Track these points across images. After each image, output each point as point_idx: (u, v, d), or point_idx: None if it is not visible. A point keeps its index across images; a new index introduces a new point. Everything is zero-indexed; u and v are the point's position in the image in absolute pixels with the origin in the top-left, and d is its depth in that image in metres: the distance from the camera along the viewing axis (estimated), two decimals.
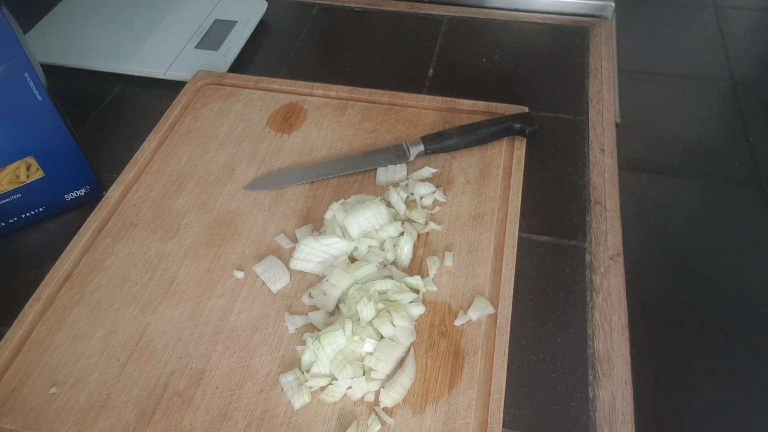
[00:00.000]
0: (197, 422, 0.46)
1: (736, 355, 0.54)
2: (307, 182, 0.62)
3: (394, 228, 0.55)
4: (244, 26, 0.83)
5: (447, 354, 0.49)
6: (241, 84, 0.73)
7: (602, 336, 0.52)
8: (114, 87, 0.78)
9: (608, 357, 0.50)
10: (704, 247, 0.60)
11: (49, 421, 0.46)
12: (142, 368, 0.49)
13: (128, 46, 0.81)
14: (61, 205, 0.63)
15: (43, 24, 0.86)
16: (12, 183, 0.59)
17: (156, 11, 0.87)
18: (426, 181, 0.61)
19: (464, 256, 0.55)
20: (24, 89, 0.54)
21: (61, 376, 0.49)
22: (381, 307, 0.49)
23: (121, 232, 0.59)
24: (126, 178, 0.63)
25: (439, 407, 0.46)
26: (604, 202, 0.61)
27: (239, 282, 0.54)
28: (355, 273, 0.52)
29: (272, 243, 0.57)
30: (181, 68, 0.77)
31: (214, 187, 0.62)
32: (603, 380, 0.49)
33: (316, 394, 0.47)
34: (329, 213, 0.58)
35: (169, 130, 0.68)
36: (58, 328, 0.52)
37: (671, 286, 0.58)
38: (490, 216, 0.58)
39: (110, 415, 0.47)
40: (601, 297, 0.54)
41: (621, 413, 0.47)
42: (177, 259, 0.56)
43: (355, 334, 0.48)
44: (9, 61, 0.52)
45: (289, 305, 0.53)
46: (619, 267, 0.56)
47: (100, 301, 0.53)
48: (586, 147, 0.67)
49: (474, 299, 0.52)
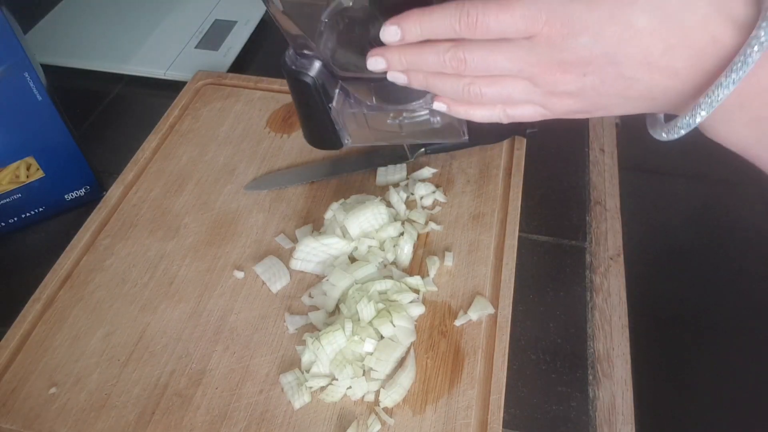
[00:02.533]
0: (197, 422, 0.46)
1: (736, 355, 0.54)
2: (307, 182, 0.62)
3: (394, 228, 0.55)
4: (244, 26, 0.83)
5: (447, 354, 0.49)
6: (241, 84, 0.73)
7: (602, 336, 0.52)
8: (114, 87, 0.78)
9: (608, 357, 0.50)
10: (704, 247, 0.60)
11: (49, 421, 0.46)
12: (142, 368, 0.49)
13: (128, 46, 0.81)
14: (61, 205, 0.63)
15: (43, 24, 0.86)
16: (12, 183, 0.59)
17: (156, 11, 0.87)
18: (426, 181, 0.61)
19: (464, 256, 0.55)
20: (24, 89, 0.54)
21: (61, 376, 0.49)
22: (381, 307, 0.49)
23: (121, 232, 0.59)
24: (126, 178, 0.63)
25: (439, 407, 0.46)
26: (604, 202, 0.61)
27: (239, 282, 0.54)
28: (355, 273, 0.52)
29: (272, 243, 0.57)
30: (181, 68, 0.77)
31: (214, 187, 0.62)
32: (603, 380, 0.49)
33: (316, 394, 0.47)
34: (329, 213, 0.58)
35: (169, 130, 0.68)
36: (58, 328, 0.52)
37: (671, 286, 0.58)
38: (490, 216, 0.58)
39: (110, 415, 0.47)
40: (601, 297, 0.54)
41: (621, 413, 0.47)
42: (177, 259, 0.56)
43: (355, 334, 0.48)
44: (9, 61, 0.52)
45: (289, 305, 0.52)
46: (619, 267, 0.56)
47: (100, 301, 0.53)
48: (586, 147, 0.67)
49: (474, 299, 0.52)
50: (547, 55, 0.33)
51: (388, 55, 0.38)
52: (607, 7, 0.31)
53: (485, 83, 0.36)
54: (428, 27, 0.35)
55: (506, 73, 0.35)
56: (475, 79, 0.36)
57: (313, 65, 0.45)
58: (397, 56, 0.37)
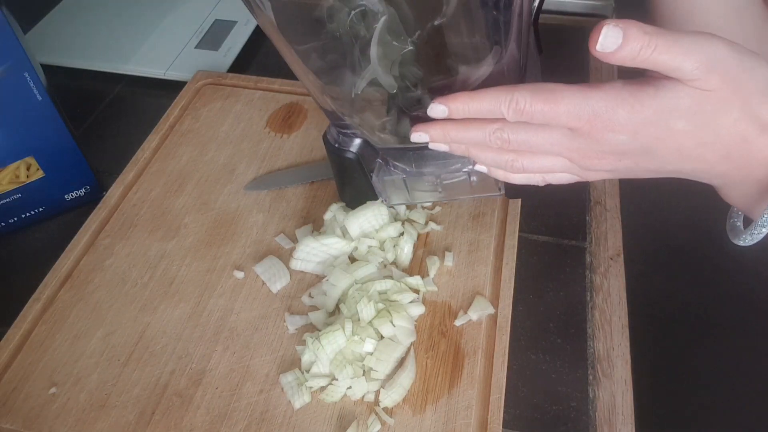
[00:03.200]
0: (197, 422, 0.46)
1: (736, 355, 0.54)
2: (307, 182, 0.62)
3: (394, 228, 0.55)
4: (244, 26, 0.83)
5: (447, 354, 0.49)
6: (241, 84, 0.73)
7: (602, 336, 0.52)
8: (114, 87, 0.78)
9: (608, 357, 0.50)
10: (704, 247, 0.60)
11: (49, 421, 0.46)
12: (142, 368, 0.49)
13: (128, 46, 0.81)
14: (61, 205, 0.63)
15: (43, 24, 0.86)
16: (12, 183, 0.59)
17: (156, 11, 0.87)
18: None
19: (464, 256, 0.55)
20: (24, 89, 0.54)
21: (61, 376, 0.49)
22: (381, 307, 0.49)
23: (121, 232, 0.59)
24: (126, 178, 0.63)
25: (439, 407, 0.46)
26: (604, 202, 0.61)
27: (239, 282, 0.54)
28: (355, 273, 0.52)
29: (272, 243, 0.57)
30: (181, 68, 0.77)
31: (214, 187, 0.62)
32: (603, 380, 0.49)
33: (316, 394, 0.47)
34: (329, 214, 0.58)
35: (169, 130, 0.68)
36: (58, 328, 0.52)
37: (671, 286, 0.58)
38: (490, 216, 0.58)
39: (110, 415, 0.47)
40: (601, 297, 0.54)
41: (621, 413, 0.47)
42: (177, 259, 0.56)
43: (355, 334, 0.48)
44: (9, 61, 0.52)
45: (289, 305, 0.52)
46: (619, 267, 0.56)
47: (100, 301, 0.53)
48: None
49: (474, 299, 0.52)
50: (587, 145, 0.36)
51: (432, 131, 0.39)
52: (650, 113, 0.33)
53: (526, 159, 0.39)
54: (475, 108, 0.37)
55: (546, 152, 0.38)
56: (517, 155, 0.39)
57: (354, 141, 0.48)
58: (441, 132, 0.39)
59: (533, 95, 0.34)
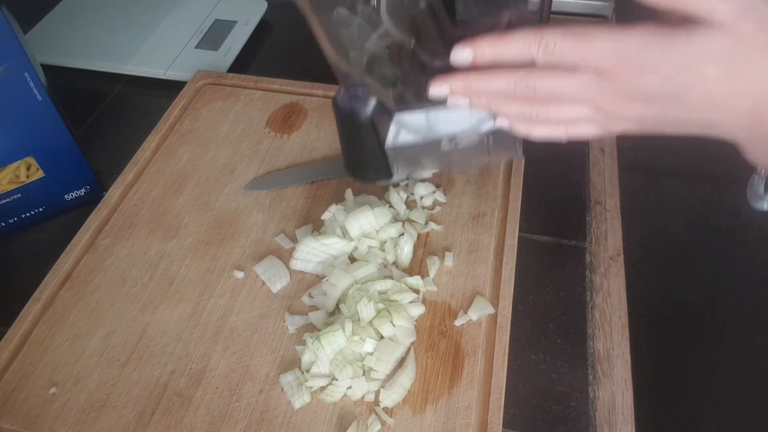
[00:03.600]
0: (197, 422, 0.46)
1: (736, 355, 0.54)
2: (307, 182, 0.62)
3: (394, 228, 0.55)
4: (244, 26, 0.83)
5: (447, 354, 0.49)
6: (241, 84, 0.73)
7: (602, 336, 0.52)
8: (114, 87, 0.78)
9: (608, 357, 0.50)
10: (704, 247, 0.60)
11: (49, 421, 0.46)
12: (142, 368, 0.49)
13: (128, 46, 0.81)
14: (61, 205, 0.63)
15: (43, 24, 0.86)
16: (12, 183, 0.59)
17: (156, 11, 0.87)
18: (426, 181, 0.61)
19: (464, 256, 0.55)
20: (24, 89, 0.54)
21: (61, 376, 0.49)
22: (381, 307, 0.49)
23: (121, 232, 0.59)
24: (126, 178, 0.63)
25: (439, 407, 0.46)
26: (604, 202, 0.61)
27: (239, 282, 0.54)
28: (355, 273, 0.52)
29: (272, 243, 0.57)
30: (181, 68, 0.77)
31: (214, 187, 0.62)
32: (603, 380, 0.49)
33: (316, 394, 0.47)
34: (328, 214, 0.58)
35: (169, 130, 0.68)
36: (58, 328, 0.52)
37: (671, 286, 0.58)
38: (490, 216, 0.58)
39: (110, 415, 0.47)
40: (601, 297, 0.54)
41: (621, 413, 0.47)
42: (177, 259, 0.56)
43: (355, 334, 0.48)
44: (9, 61, 0.52)
45: (289, 305, 0.52)
46: (619, 267, 0.56)
47: (100, 301, 0.53)
48: (585, 147, 0.67)
49: (474, 299, 0.52)
50: (615, 88, 0.35)
51: (454, 82, 0.38)
52: (682, 55, 0.32)
53: (551, 108, 0.37)
54: (502, 51, 0.36)
55: (572, 99, 0.37)
56: (542, 105, 0.37)
57: (368, 104, 0.46)
58: (462, 83, 0.38)
59: (564, 35, 0.34)
